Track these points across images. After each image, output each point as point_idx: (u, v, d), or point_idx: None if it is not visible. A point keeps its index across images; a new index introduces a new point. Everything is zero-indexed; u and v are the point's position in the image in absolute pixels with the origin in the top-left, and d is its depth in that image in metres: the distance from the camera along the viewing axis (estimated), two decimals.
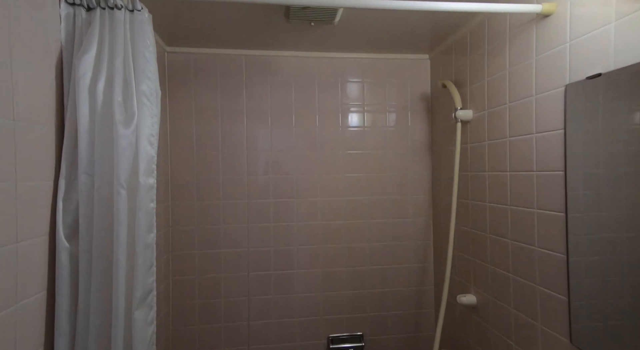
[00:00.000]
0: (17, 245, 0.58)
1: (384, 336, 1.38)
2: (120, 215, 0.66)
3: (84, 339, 0.65)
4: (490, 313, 1.03)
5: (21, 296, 0.59)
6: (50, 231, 0.66)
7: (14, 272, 0.57)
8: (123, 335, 0.65)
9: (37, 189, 0.63)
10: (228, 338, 1.32)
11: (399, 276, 1.40)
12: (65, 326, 0.64)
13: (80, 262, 0.66)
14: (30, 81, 0.61)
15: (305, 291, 1.36)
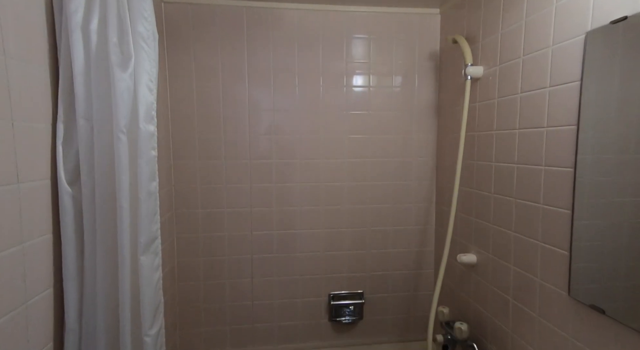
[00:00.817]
0: (19, 185, 0.58)
1: (383, 294, 1.42)
2: (122, 162, 0.65)
3: (92, 281, 0.66)
4: (489, 271, 1.05)
5: (27, 236, 0.59)
6: (52, 176, 0.65)
7: (17, 211, 0.58)
8: (130, 278, 0.66)
9: (35, 130, 0.62)
10: (232, 293, 1.36)
11: (400, 238, 1.42)
12: (72, 269, 0.66)
13: (84, 208, 0.66)
14: (19, 16, 0.58)
15: (307, 250, 1.39)
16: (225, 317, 1.36)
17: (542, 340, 0.84)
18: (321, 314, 1.40)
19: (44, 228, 0.64)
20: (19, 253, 0.58)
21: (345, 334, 1.41)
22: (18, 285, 0.58)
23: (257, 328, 1.37)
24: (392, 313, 1.43)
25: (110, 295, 0.67)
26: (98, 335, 0.65)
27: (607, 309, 0.68)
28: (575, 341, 0.75)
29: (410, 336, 1.44)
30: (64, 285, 0.66)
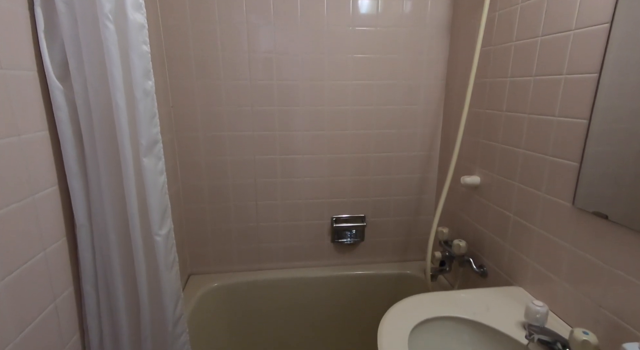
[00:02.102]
0: (4, 72, 0.54)
1: (385, 218, 1.46)
2: (112, 55, 0.60)
3: (96, 180, 0.66)
4: (492, 190, 1.05)
5: (23, 129, 0.57)
6: (39, 69, 0.61)
7: (6, 99, 0.55)
8: (134, 179, 0.66)
9: (12, 14, 0.56)
10: (237, 215, 1.39)
11: (404, 163, 1.41)
12: (74, 168, 0.65)
13: (78, 104, 0.63)
14: None
15: (310, 175, 1.39)
16: (231, 237, 1.41)
17: (540, 250, 0.87)
18: (324, 235, 1.45)
19: (38, 124, 0.62)
20: (17, 145, 0.56)
21: (347, 254, 1.49)
22: (22, 177, 0.57)
23: (262, 248, 1.44)
24: (392, 235, 1.49)
25: (117, 195, 0.67)
26: (109, 233, 0.67)
27: (610, 214, 0.68)
28: (575, 248, 0.77)
29: (410, 257, 1.52)
30: (68, 182, 0.66)
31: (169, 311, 0.70)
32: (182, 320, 0.75)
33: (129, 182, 0.65)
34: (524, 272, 0.93)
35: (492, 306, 0.86)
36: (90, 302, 0.66)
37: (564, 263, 0.80)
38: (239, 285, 1.38)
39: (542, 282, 0.86)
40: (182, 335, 0.76)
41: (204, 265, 1.42)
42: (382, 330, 0.77)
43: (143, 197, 0.66)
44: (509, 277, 0.99)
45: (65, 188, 0.67)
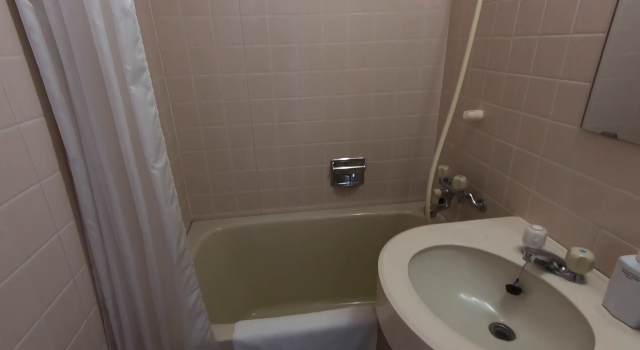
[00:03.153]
0: None
1: (384, 160, 1.45)
2: None
3: (83, 110, 0.63)
4: (496, 123, 1.03)
5: None
6: None
7: None
8: (124, 110, 0.63)
9: None
10: (236, 161, 1.38)
11: (405, 103, 1.37)
12: (58, 97, 0.61)
13: (53, 27, 0.58)
14: None
15: (308, 118, 1.35)
16: (231, 183, 1.41)
17: (542, 178, 0.87)
18: (323, 179, 1.45)
19: (12, 47, 0.57)
20: None
21: (347, 197, 1.50)
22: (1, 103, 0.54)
23: (263, 193, 1.44)
24: (392, 177, 1.48)
25: (107, 128, 0.64)
26: (104, 167, 0.65)
27: (619, 133, 0.66)
28: (579, 172, 0.76)
29: (409, 198, 1.53)
30: (54, 114, 0.62)
31: (173, 244, 0.71)
32: (187, 253, 0.77)
33: (119, 113, 0.62)
34: (524, 202, 0.93)
35: (491, 234, 0.88)
36: (94, 235, 0.67)
37: (565, 189, 0.79)
38: (241, 230, 1.41)
39: (542, 210, 0.87)
40: (187, 268, 0.77)
41: (206, 212, 1.44)
42: (383, 259, 0.79)
43: (135, 130, 0.64)
44: (508, 208, 1.00)
45: (52, 121, 0.64)
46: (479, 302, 0.80)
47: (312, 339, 0.91)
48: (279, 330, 0.90)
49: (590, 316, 0.61)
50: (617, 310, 0.60)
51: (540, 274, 0.72)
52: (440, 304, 0.78)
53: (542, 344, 0.67)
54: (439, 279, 0.83)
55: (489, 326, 0.75)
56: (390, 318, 0.66)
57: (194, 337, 0.80)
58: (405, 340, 0.62)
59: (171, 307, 0.76)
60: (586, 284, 0.69)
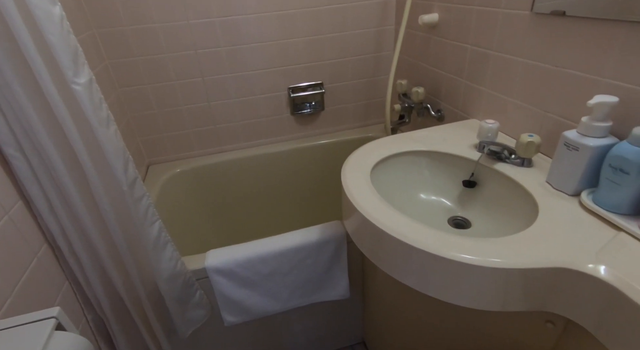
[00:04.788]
0: None
1: (343, 83, 1.40)
2: None
3: None
4: (451, 26, 0.99)
5: None
6: None
7: None
8: (16, 10, 0.52)
9: None
10: (185, 95, 1.27)
11: (359, 15, 1.28)
12: None
13: None
14: None
15: (258, 40, 1.24)
16: (184, 120, 1.31)
17: (495, 74, 0.86)
18: (282, 108, 1.39)
19: None
20: None
21: (309, 125, 1.46)
22: None
23: (220, 129, 1.37)
24: (352, 100, 1.45)
25: (4, 35, 0.53)
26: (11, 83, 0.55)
27: (567, 9, 0.65)
28: (529, 60, 0.76)
29: (372, 121, 1.52)
30: None
31: (119, 171, 0.65)
32: (139, 183, 0.72)
33: (11, 13, 0.51)
34: (479, 103, 0.94)
35: (448, 137, 0.89)
36: (21, 166, 0.59)
37: (516, 81, 0.80)
38: (202, 169, 1.36)
39: (495, 107, 0.89)
40: (143, 199, 0.73)
41: (162, 154, 1.36)
42: (346, 171, 0.79)
43: (38, 35, 0.53)
44: (464, 113, 1.01)
45: None
46: (439, 200, 0.84)
47: (285, 257, 0.93)
48: (251, 253, 0.91)
49: (535, 192, 0.65)
50: (558, 182, 0.65)
51: (492, 165, 0.75)
52: (403, 205, 0.80)
53: (494, 225, 0.72)
54: (401, 184, 0.85)
55: (448, 220, 0.80)
56: (358, 224, 0.67)
57: (164, 267, 0.79)
58: (374, 242, 0.64)
59: (132, 239, 0.73)
60: (533, 167, 0.73)
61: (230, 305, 0.92)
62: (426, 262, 0.55)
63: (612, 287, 0.44)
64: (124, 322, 0.81)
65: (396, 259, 0.61)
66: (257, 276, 0.92)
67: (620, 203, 0.55)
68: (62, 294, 0.68)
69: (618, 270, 0.46)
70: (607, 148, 0.56)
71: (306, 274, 0.96)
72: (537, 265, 0.50)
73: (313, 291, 0.99)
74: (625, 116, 0.58)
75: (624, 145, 0.53)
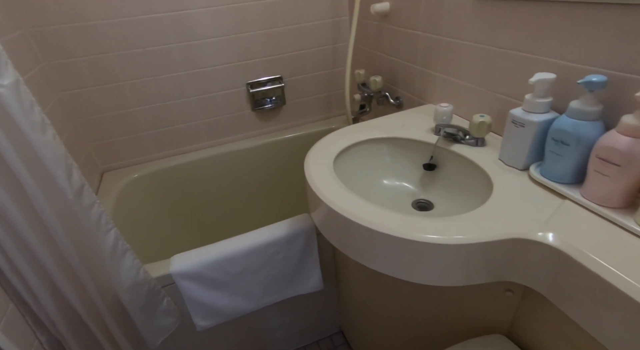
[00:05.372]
0: None
1: (302, 75, 1.39)
2: None
3: None
4: (402, 13, 1.00)
5: None
6: None
7: None
8: None
9: None
10: (135, 95, 1.20)
11: (313, 8, 1.27)
12: None
13: None
14: None
15: (212, 35, 1.19)
16: (137, 122, 1.24)
17: (446, 59, 0.89)
18: (243, 105, 1.36)
19: None
20: None
21: (272, 121, 1.44)
22: None
23: (179, 129, 1.31)
24: (313, 93, 1.44)
25: None
26: None
27: None
28: (476, 44, 0.79)
29: (334, 112, 1.52)
30: None
31: (61, 179, 0.61)
32: (87, 190, 0.67)
33: None
34: (433, 88, 0.97)
35: (407, 123, 0.91)
36: None
37: (466, 64, 0.83)
38: (162, 172, 1.30)
39: (449, 90, 0.91)
40: (93, 207, 0.69)
41: (117, 159, 1.28)
42: (309, 163, 0.78)
43: None
44: (421, 99, 1.04)
45: None
46: (402, 184, 0.85)
47: (254, 254, 0.91)
48: (218, 254, 0.88)
49: (489, 169, 0.68)
50: (509, 158, 0.68)
51: (449, 147, 0.78)
52: (367, 192, 0.81)
53: (455, 204, 0.75)
54: (364, 172, 0.85)
55: (411, 203, 0.82)
56: (324, 215, 0.67)
57: (124, 277, 0.75)
58: (341, 231, 0.64)
59: (86, 250, 0.69)
60: (486, 145, 0.76)
61: (201, 309, 0.89)
62: (393, 246, 0.56)
63: (559, 251, 0.47)
64: (84, 339, 0.76)
65: (364, 246, 0.61)
66: (227, 276, 0.89)
67: (563, 173, 0.58)
68: (6, 318, 0.62)
69: (564, 235, 0.49)
70: (549, 123, 0.59)
71: (278, 269, 0.95)
72: (494, 238, 0.52)
73: (286, 286, 0.98)
74: (563, 91, 0.61)
75: (563, 118, 0.56)
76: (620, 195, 0.50)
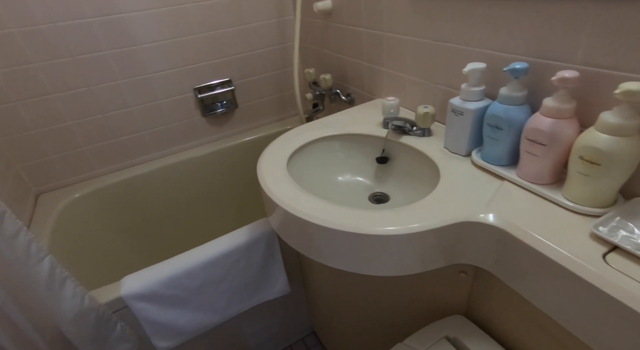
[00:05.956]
0: None
1: (253, 77, 1.36)
2: None
3: None
4: (344, 11, 1.01)
5: None
6: None
7: None
8: None
9: None
10: (69, 108, 1.10)
11: (257, 8, 1.25)
12: None
13: None
14: None
15: (150, 40, 1.13)
16: (75, 137, 1.15)
17: (390, 54, 0.91)
18: (192, 111, 1.30)
19: None
20: None
21: (225, 125, 1.39)
22: None
23: (123, 141, 1.23)
24: (266, 94, 1.42)
25: None
26: None
27: None
28: (415, 38, 0.81)
29: (289, 113, 1.51)
30: None
31: None
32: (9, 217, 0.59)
33: None
34: (381, 83, 0.99)
35: (358, 119, 0.92)
36: None
37: (408, 58, 0.85)
38: (109, 188, 1.21)
39: (395, 84, 0.94)
40: (19, 235, 0.61)
41: (53, 180, 1.17)
42: (262, 166, 0.76)
43: None
44: (370, 94, 1.05)
45: None
46: (357, 179, 0.86)
47: (214, 265, 0.88)
48: (174, 269, 0.84)
49: (435, 158, 0.70)
50: (453, 146, 0.71)
51: (399, 139, 0.80)
52: (324, 191, 0.81)
53: (408, 195, 0.77)
54: (319, 170, 0.85)
55: (368, 197, 0.83)
56: (281, 218, 0.66)
57: (67, 307, 0.68)
58: (299, 233, 0.63)
59: (14, 283, 0.62)
60: (433, 135, 0.79)
61: (161, 330, 0.84)
62: (351, 243, 0.56)
63: (499, 229, 0.49)
64: None
65: (323, 245, 0.60)
66: (186, 292, 0.85)
67: (501, 156, 0.62)
68: None
69: (503, 214, 0.51)
70: (484, 109, 0.63)
71: (241, 278, 0.92)
72: (444, 224, 0.53)
73: (252, 294, 0.96)
74: (494, 79, 0.65)
75: (495, 105, 0.59)
76: (549, 172, 0.54)
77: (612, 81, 0.48)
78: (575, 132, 0.50)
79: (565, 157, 0.52)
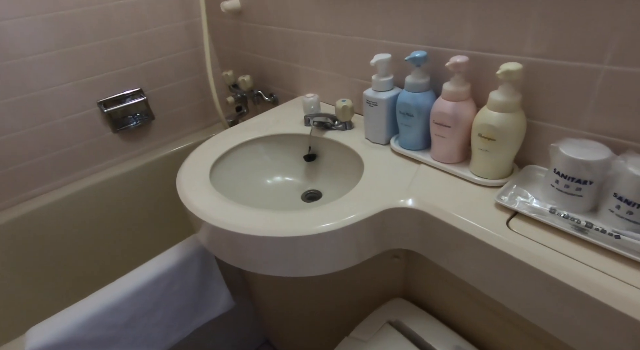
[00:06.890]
0: None
1: (168, 85, 1.26)
2: None
3: None
4: (253, 9, 0.98)
5: None
6: None
7: None
8: None
9: None
10: None
11: (159, 10, 1.15)
12: None
13: None
14: None
15: (29, 52, 0.98)
16: None
17: (304, 50, 0.90)
18: (100, 128, 1.16)
19: None
20: None
21: (142, 140, 1.27)
22: None
23: (15, 171, 1.05)
24: (185, 102, 1.33)
25: None
26: None
27: None
28: (325, 33, 0.81)
29: (212, 120, 1.43)
30: None
31: None
32: None
33: None
34: (299, 80, 0.98)
35: (280, 119, 0.90)
36: None
37: (322, 53, 0.86)
38: (4, 228, 1.03)
39: (313, 81, 0.94)
40: None
41: None
42: (181, 179, 0.70)
43: None
44: (292, 92, 1.04)
45: None
46: (286, 180, 0.84)
47: (143, 294, 0.79)
48: (93, 307, 0.74)
49: (358, 149, 0.72)
50: (373, 136, 0.73)
51: (323, 135, 0.80)
52: (252, 197, 0.78)
53: (339, 189, 0.77)
54: (245, 176, 0.82)
55: (301, 196, 0.81)
56: (208, 233, 0.61)
57: None
58: (231, 246, 0.59)
59: None
60: (354, 128, 0.80)
61: None
62: (286, 247, 0.54)
63: (419, 211, 0.52)
64: None
65: (257, 255, 0.58)
66: (113, 330, 0.75)
67: (415, 141, 0.65)
68: None
69: (421, 196, 0.54)
70: (394, 98, 0.65)
71: (177, 301, 0.85)
72: (372, 213, 0.54)
73: (192, 316, 0.89)
74: (400, 69, 0.68)
75: (404, 93, 0.62)
76: (457, 151, 0.58)
77: (496, 63, 0.53)
78: (473, 112, 0.54)
79: (468, 136, 0.56)
